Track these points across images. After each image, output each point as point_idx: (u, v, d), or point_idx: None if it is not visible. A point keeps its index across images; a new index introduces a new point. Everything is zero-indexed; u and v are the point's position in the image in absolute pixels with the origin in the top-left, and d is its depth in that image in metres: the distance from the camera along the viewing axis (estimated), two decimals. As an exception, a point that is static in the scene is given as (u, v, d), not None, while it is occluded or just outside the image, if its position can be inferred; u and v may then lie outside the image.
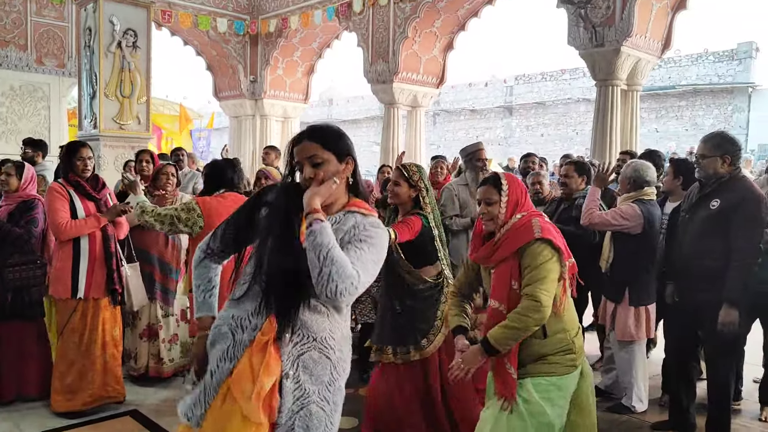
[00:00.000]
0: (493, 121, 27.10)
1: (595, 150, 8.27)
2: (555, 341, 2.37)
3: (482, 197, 2.46)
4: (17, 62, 10.20)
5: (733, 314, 3.17)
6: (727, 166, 3.27)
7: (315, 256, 1.66)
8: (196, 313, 2.02)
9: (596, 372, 4.64)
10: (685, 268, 3.41)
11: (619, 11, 7.82)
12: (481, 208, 2.46)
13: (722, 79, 20.69)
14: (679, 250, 3.45)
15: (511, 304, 2.33)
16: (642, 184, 3.92)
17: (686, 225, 3.42)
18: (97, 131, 7.68)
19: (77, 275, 3.62)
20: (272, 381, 1.73)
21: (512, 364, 2.36)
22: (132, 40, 7.83)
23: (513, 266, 2.35)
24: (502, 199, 2.41)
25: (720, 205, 3.23)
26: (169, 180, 4.35)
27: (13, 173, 3.91)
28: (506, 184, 2.44)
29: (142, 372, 4.28)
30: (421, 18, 10.60)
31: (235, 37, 13.52)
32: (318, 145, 1.84)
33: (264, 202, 1.91)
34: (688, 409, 3.60)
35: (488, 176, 2.54)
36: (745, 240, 3.17)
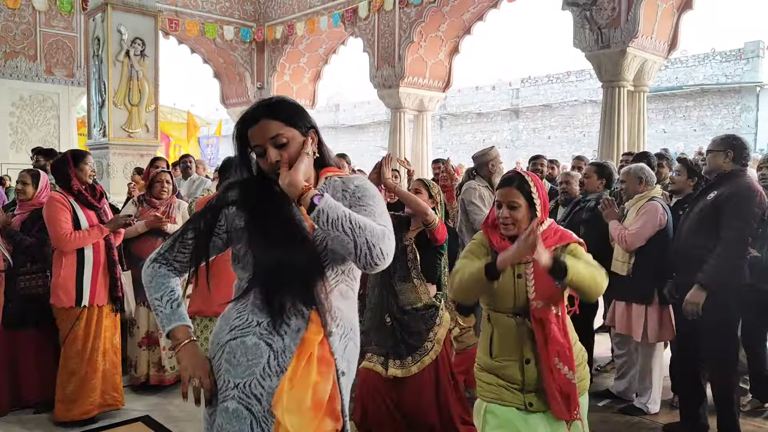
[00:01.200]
0: (500, 124, 27.06)
1: (603, 152, 8.25)
2: (578, 349, 2.24)
3: (505, 200, 2.20)
4: (27, 72, 10.31)
5: (699, 296, 3.18)
6: (730, 161, 3.29)
7: (340, 231, 1.48)
8: (167, 326, 1.66)
9: (608, 375, 4.64)
10: (683, 261, 3.41)
11: (625, 12, 7.82)
12: (503, 212, 2.20)
13: (730, 78, 20.58)
14: (678, 244, 3.46)
15: (560, 304, 2.18)
16: (653, 182, 3.95)
17: (685, 219, 3.44)
18: (106, 140, 7.75)
19: (81, 284, 3.63)
20: (330, 384, 1.59)
21: (572, 369, 2.13)
22: (140, 49, 7.90)
23: None
24: (536, 203, 2.19)
25: (715, 196, 3.26)
26: (164, 187, 4.37)
27: (30, 182, 3.95)
28: (535, 189, 2.20)
29: (143, 380, 4.26)
30: (427, 22, 10.64)
31: (241, 44, 13.61)
32: (279, 122, 1.61)
33: (229, 202, 1.67)
34: (699, 409, 3.58)
35: (511, 176, 2.26)
36: (732, 231, 3.18)
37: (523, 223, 2.18)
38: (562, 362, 2.14)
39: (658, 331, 3.85)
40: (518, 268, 2.20)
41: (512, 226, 2.19)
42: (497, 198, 2.26)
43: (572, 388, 2.14)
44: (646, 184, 3.95)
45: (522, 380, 2.19)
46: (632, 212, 3.96)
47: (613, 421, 3.87)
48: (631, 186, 4.03)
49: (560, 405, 2.15)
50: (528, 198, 2.19)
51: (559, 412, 2.15)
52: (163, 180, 4.38)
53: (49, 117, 10.57)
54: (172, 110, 16.25)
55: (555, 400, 2.15)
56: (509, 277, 2.20)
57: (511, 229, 2.20)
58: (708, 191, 3.35)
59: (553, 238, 2.20)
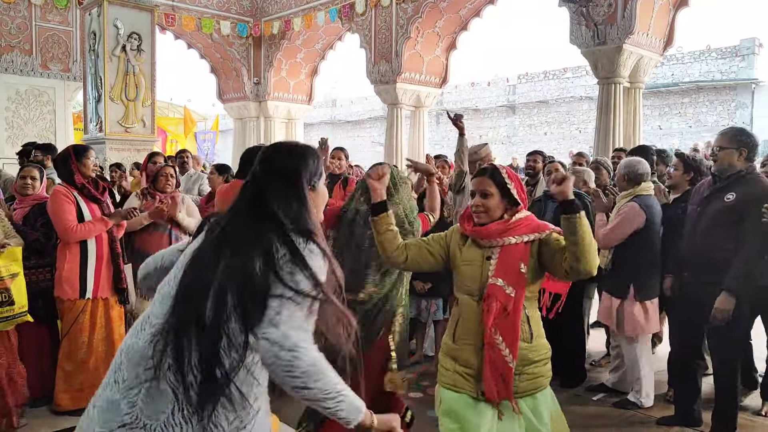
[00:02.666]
0: (496, 120, 27.08)
1: (598, 148, 8.29)
2: (540, 346, 2.31)
3: (477, 188, 2.32)
4: (22, 67, 10.28)
5: (729, 303, 3.19)
6: (743, 159, 3.29)
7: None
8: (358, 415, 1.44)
9: (603, 369, 4.68)
10: (694, 260, 3.42)
11: (621, 9, 7.84)
12: (475, 200, 2.31)
13: (725, 75, 20.63)
14: (690, 243, 3.45)
15: (519, 288, 2.21)
16: (638, 179, 3.93)
17: (698, 218, 3.42)
18: (102, 134, 7.75)
19: (85, 276, 3.69)
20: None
21: (513, 353, 2.20)
22: (136, 44, 7.89)
23: (525, 251, 2.25)
24: (511, 191, 2.29)
25: (735, 198, 3.23)
26: (168, 181, 4.41)
27: (38, 176, 4.00)
28: (508, 177, 2.31)
29: None
30: (424, 18, 10.64)
31: (238, 39, 13.58)
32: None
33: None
34: (693, 404, 3.63)
35: (485, 167, 2.40)
36: (755, 235, 3.19)
37: (495, 212, 2.29)
38: (505, 342, 2.19)
39: (634, 324, 3.90)
40: (487, 251, 2.30)
41: (484, 215, 2.29)
42: (472, 188, 2.37)
43: (508, 371, 2.19)
44: (629, 181, 3.96)
45: (476, 365, 2.26)
46: (617, 208, 4.02)
47: (607, 415, 3.90)
48: (619, 182, 4.07)
49: (491, 383, 2.20)
50: (501, 187, 2.29)
51: (489, 392, 2.21)
52: (168, 174, 4.42)
53: (45, 112, 10.54)
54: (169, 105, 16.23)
55: (487, 377, 2.21)
56: (478, 259, 2.31)
57: (483, 217, 2.30)
58: (723, 192, 3.31)
59: (529, 226, 2.28)
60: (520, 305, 2.22)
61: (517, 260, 2.24)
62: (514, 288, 2.21)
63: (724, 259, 3.23)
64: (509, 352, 2.19)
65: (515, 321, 2.21)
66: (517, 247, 2.26)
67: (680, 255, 3.58)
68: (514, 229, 2.27)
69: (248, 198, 1.51)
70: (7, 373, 3.50)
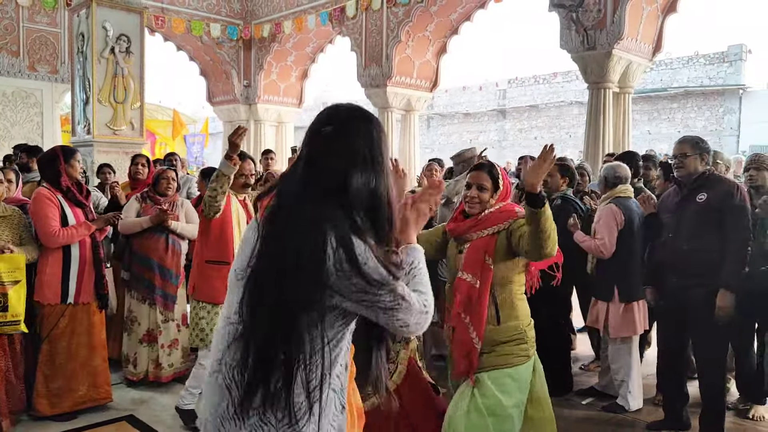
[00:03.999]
0: (487, 125, 27.16)
1: (588, 152, 8.32)
2: (508, 329, 2.49)
3: (475, 182, 2.58)
4: (9, 68, 10.18)
5: (730, 299, 3.25)
6: (704, 163, 3.43)
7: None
8: None
9: (591, 373, 4.68)
10: (679, 264, 3.44)
11: (610, 15, 7.89)
12: (471, 192, 2.56)
13: (713, 81, 20.82)
14: (674, 248, 3.47)
15: (483, 278, 2.45)
16: (615, 183, 4.02)
17: (677, 224, 3.47)
18: (90, 137, 7.67)
19: (67, 281, 3.63)
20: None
21: (478, 335, 2.44)
22: (125, 46, 7.82)
23: (489, 243, 2.50)
24: (500, 189, 2.57)
25: (708, 197, 3.35)
26: (169, 184, 4.39)
27: (13, 179, 3.94)
28: (501, 176, 2.60)
29: (141, 377, 4.28)
30: (414, 22, 10.65)
31: (228, 42, 13.53)
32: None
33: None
34: (682, 408, 3.64)
35: (483, 163, 2.67)
36: (736, 228, 3.30)
37: (486, 204, 2.56)
38: (471, 324, 2.45)
39: (619, 326, 3.93)
40: (461, 246, 2.60)
41: (478, 205, 2.56)
42: (468, 180, 2.63)
43: (473, 351, 2.44)
44: (606, 185, 4.05)
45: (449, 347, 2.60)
46: (598, 212, 4.07)
47: (596, 419, 3.90)
48: (600, 186, 4.18)
49: (458, 362, 2.48)
50: (494, 184, 2.57)
51: (456, 370, 2.50)
52: (169, 177, 4.39)
53: (32, 114, 10.44)
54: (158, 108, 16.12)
55: (455, 357, 2.50)
56: (453, 253, 2.64)
57: (477, 208, 2.57)
58: (693, 194, 3.40)
59: (497, 218, 2.53)
60: (485, 292, 2.46)
61: (483, 253, 2.49)
62: (479, 279, 2.47)
63: (710, 258, 3.30)
64: (476, 335, 2.44)
65: (481, 306, 2.45)
66: (484, 240, 2.51)
67: (662, 263, 3.59)
68: (481, 224, 2.53)
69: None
70: (6, 377, 3.47)
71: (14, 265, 3.37)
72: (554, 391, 4.22)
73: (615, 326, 3.94)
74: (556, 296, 4.34)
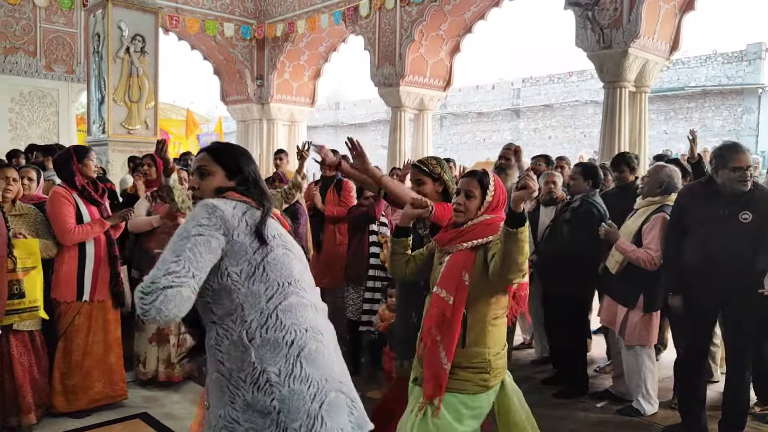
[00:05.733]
0: (500, 124, 27.04)
1: (604, 152, 8.23)
2: (471, 354, 2.31)
3: (464, 188, 2.41)
4: (26, 68, 10.29)
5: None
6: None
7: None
8: None
9: (606, 375, 4.62)
10: (711, 268, 3.35)
11: (627, 13, 7.80)
12: (458, 199, 2.41)
13: (732, 80, 20.55)
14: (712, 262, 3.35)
15: (458, 296, 2.28)
16: (672, 191, 3.85)
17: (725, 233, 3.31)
18: (105, 136, 7.74)
19: (83, 278, 3.67)
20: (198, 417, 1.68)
21: (448, 356, 2.28)
22: (140, 46, 7.88)
23: (468, 259, 2.32)
24: (486, 198, 2.38)
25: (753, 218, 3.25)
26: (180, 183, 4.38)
27: (35, 177, 3.98)
28: (493, 186, 2.40)
29: (150, 377, 4.28)
30: (428, 21, 10.61)
31: (242, 41, 13.58)
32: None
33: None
34: (701, 412, 3.57)
35: (474, 170, 2.49)
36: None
37: (472, 214, 2.38)
38: (442, 343, 2.28)
39: (638, 334, 3.84)
40: (442, 257, 2.44)
41: (462, 214, 2.38)
42: (458, 186, 2.46)
43: (442, 372, 2.28)
44: (664, 191, 3.87)
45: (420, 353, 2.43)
46: (640, 214, 3.93)
47: (611, 422, 3.85)
48: (651, 186, 3.95)
49: (428, 381, 2.32)
50: (484, 192, 2.38)
51: (426, 389, 2.33)
52: (180, 177, 4.38)
53: (48, 113, 10.54)
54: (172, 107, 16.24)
55: (426, 376, 2.34)
56: (436, 264, 2.49)
57: (462, 217, 2.39)
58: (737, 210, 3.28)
59: (480, 232, 2.33)
60: (459, 311, 2.28)
61: (461, 268, 2.32)
62: (453, 296, 2.29)
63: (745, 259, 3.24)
64: (445, 355, 2.28)
65: (453, 326, 2.28)
66: (463, 254, 2.34)
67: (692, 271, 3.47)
68: (464, 236, 2.35)
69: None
70: (29, 371, 3.52)
71: (28, 251, 3.40)
72: (569, 394, 4.23)
73: (634, 334, 3.85)
74: (576, 298, 4.31)
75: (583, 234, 4.08)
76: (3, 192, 3.46)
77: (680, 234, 3.55)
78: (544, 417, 3.86)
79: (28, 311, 3.39)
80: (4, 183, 3.47)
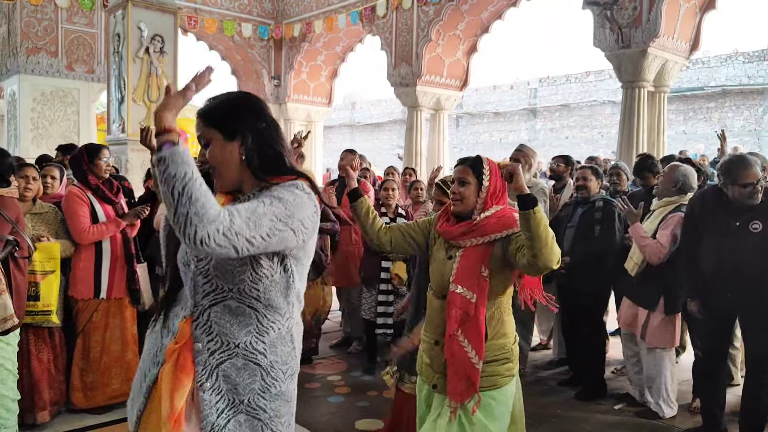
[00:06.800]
0: (517, 124, 26.91)
1: (621, 153, 8.16)
2: (495, 347, 2.25)
3: (457, 176, 2.35)
4: (48, 68, 10.43)
5: None
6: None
7: (169, 191, 1.34)
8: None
9: (624, 377, 4.59)
10: (725, 277, 3.32)
11: (646, 12, 7.72)
12: (453, 188, 2.35)
13: (752, 80, 20.24)
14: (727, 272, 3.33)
15: (480, 291, 2.20)
16: (687, 190, 3.85)
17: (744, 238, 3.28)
18: (125, 135, 7.82)
19: (99, 276, 3.73)
20: (184, 397, 1.54)
21: (479, 354, 2.19)
22: (159, 46, 7.95)
23: (485, 253, 2.24)
24: (483, 183, 2.29)
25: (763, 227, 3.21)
26: None
27: (57, 176, 4.04)
28: (487, 171, 2.31)
29: None
30: (445, 21, 10.59)
31: (259, 41, 13.65)
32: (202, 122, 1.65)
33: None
34: (721, 416, 3.54)
35: (467, 157, 2.42)
36: None
37: (470, 201, 2.30)
38: (470, 343, 2.19)
39: (660, 336, 3.81)
40: (450, 251, 2.33)
41: (459, 203, 2.32)
42: (453, 175, 2.41)
43: (474, 372, 2.18)
44: (679, 191, 3.86)
45: (431, 358, 2.35)
46: (657, 214, 3.90)
47: (629, 424, 3.82)
48: (666, 186, 3.93)
49: (456, 385, 2.20)
50: (479, 177, 2.30)
51: (454, 392, 2.20)
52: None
53: (69, 113, 10.67)
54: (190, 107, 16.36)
55: (452, 380, 2.22)
56: (441, 258, 2.36)
57: (459, 206, 2.32)
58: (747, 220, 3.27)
59: (495, 225, 2.25)
60: (482, 306, 2.22)
61: (478, 263, 2.23)
62: (475, 293, 2.21)
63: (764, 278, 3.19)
64: (475, 354, 2.19)
65: (478, 323, 2.21)
66: (480, 249, 2.25)
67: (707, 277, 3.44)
68: (477, 230, 2.26)
69: None
70: (47, 368, 3.58)
71: (49, 255, 3.45)
72: (589, 395, 4.20)
73: (656, 336, 3.83)
74: (596, 298, 4.28)
75: (615, 233, 4.09)
76: (23, 191, 3.51)
77: (694, 239, 3.52)
78: (562, 419, 3.86)
79: (41, 314, 3.43)
80: (24, 182, 3.52)
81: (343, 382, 4.55)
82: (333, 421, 3.82)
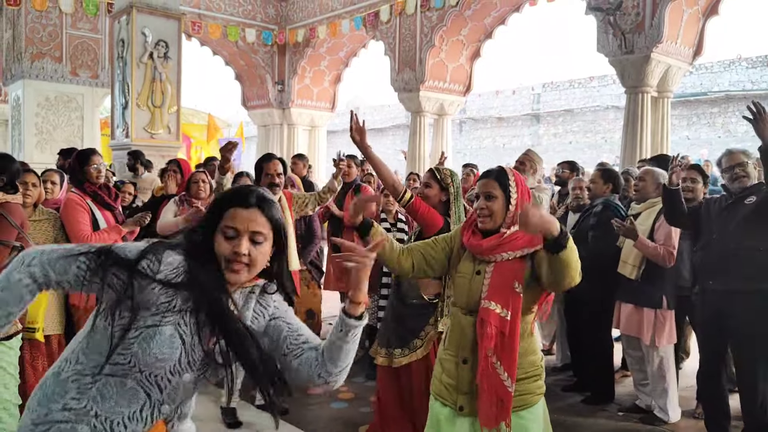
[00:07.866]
0: (520, 129, 26.91)
1: (625, 158, 8.16)
2: (527, 363, 2.15)
3: (483, 191, 2.19)
4: (52, 74, 10.47)
5: None
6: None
7: (352, 348, 1.56)
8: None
9: (627, 383, 4.56)
10: (722, 266, 3.34)
11: (649, 18, 7.73)
12: (479, 203, 2.18)
13: (756, 85, 20.23)
14: (716, 249, 3.38)
15: (515, 309, 2.07)
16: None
17: (724, 224, 3.38)
18: (128, 140, 7.85)
19: None
20: None
21: (511, 377, 2.05)
22: (163, 51, 7.99)
23: (518, 268, 2.10)
24: (512, 196, 2.16)
25: (757, 199, 3.29)
26: (200, 187, 4.38)
27: (57, 181, 4.01)
28: (513, 183, 2.18)
29: None
30: (448, 26, 10.61)
31: (263, 47, 13.70)
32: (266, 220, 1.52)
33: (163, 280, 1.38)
34: (725, 422, 3.51)
35: (491, 169, 2.26)
36: None
37: (499, 216, 2.15)
38: (502, 364, 2.05)
39: (667, 335, 3.84)
40: (478, 265, 2.17)
41: (488, 219, 2.16)
42: (477, 190, 2.24)
43: (507, 395, 2.05)
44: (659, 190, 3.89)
45: (457, 378, 2.17)
46: (646, 216, 3.93)
47: (633, 430, 3.80)
48: (649, 188, 4.01)
49: (488, 409, 2.05)
50: (506, 191, 2.16)
51: (485, 417, 2.06)
52: (199, 180, 4.32)
53: (73, 118, 10.71)
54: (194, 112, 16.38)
55: (484, 403, 2.06)
56: (468, 273, 2.19)
57: (487, 222, 2.16)
58: (742, 199, 3.36)
59: (526, 238, 2.10)
60: (516, 324, 2.08)
61: (511, 279, 2.09)
62: (509, 310, 2.07)
63: (763, 259, 3.21)
64: (507, 376, 2.05)
65: (513, 343, 2.06)
66: (512, 264, 2.12)
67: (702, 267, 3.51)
68: (508, 244, 2.12)
69: None
70: (42, 376, 3.49)
71: None
72: (597, 401, 4.18)
73: (664, 335, 3.84)
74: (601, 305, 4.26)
75: (610, 238, 4.06)
76: (22, 197, 3.49)
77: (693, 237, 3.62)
78: (566, 425, 3.84)
79: (25, 331, 3.24)
80: (23, 188, 3.50)
81: (346, 387, 4.53)
82: (336, 427, 3.81)
